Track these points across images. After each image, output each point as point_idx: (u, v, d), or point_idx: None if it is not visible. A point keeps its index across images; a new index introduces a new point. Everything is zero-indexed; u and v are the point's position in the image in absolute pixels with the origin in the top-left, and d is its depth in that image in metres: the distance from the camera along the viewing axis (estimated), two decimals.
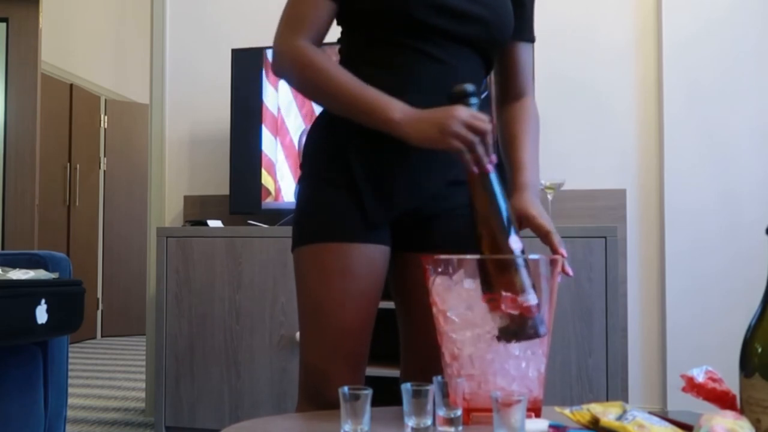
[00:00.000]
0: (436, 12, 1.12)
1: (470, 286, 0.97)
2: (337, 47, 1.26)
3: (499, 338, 0.96)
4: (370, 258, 1.15)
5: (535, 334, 0.97)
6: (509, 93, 1.29)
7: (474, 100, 1.05)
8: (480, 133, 1.02)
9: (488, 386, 0.94)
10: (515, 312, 0.96)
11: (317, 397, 1.15)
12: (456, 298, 0.98)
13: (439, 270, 1.00)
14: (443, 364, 1.00)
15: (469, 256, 1.00)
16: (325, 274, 1.13)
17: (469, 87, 1.05)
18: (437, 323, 1.02)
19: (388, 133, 1.07)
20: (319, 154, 1.20)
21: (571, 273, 1.07)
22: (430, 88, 1.14)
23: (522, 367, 0.97)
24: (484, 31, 1.16)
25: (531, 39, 1.29)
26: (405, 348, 1.30)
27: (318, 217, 1.16)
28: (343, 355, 1.14)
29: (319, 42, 1.17)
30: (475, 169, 1.03)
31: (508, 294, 0.97)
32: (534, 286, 0.98)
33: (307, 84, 1.15)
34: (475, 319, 0.97)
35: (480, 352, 0.96)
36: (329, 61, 1.13)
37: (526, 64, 1.29)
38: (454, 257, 1.00)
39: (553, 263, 1.01)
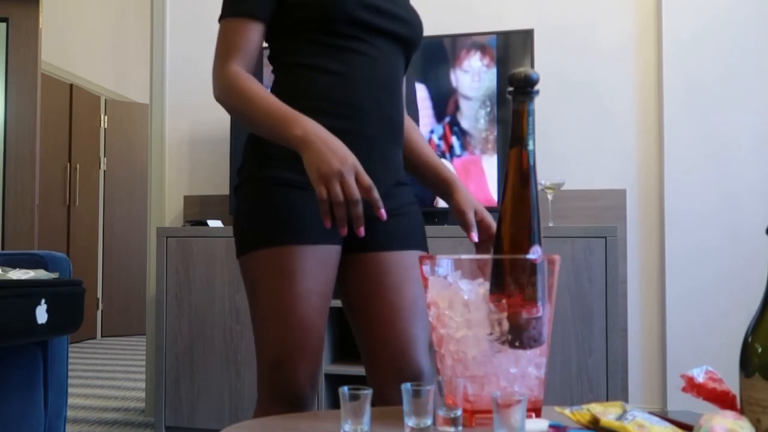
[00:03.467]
0: (371, 11, 1.20)
1: (467, 286, 0.97)
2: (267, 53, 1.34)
3: (502, 341, 0.96)
4: (326, 258, 1.19)
5: (536, 344, 0.96)
6: None
7: (536, 91, 0.98)
8: (352, 200, 1.05)
9: (491, 387, 0.94)
10: (520, 318, 0.96)
11: (283, 392, 1.17)
12: (455, 299, 0.98)
13: (436, 269, 1.00)
14: (441, 365, 1.00)
15: (465, 256, 0.99)
16: (287, 276, 1.16)
17: (534, 75, 0.96)
18: (435, 324, 1.01)
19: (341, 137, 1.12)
20: (265, 154, 1.22)
21: (475, 238, 1.21)
22: (366, 85, 1.21)
23: (523, 367, 0.97)
24: (410, 30, 1.27)
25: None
26: (368, 347, 1.27)
27: (273, 220, 1.18)
28: (306, 351, 1.17)
29: (253, 64, 1.22)
30: (327, 224, 1.06)
31: (517, 298, 0.96)
32: (546, 297, 0.97)
33: (232, 108, 1.19)
34: (474, 321, 0.97)
35: (484, 354, 0.96)
36: (254, 83, 1.17)
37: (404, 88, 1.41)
38: (451, 257, 1.00)
39: (551, 263, 1.00)
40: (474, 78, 2.59)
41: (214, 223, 2.70)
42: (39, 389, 1.81)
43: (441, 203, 2.50)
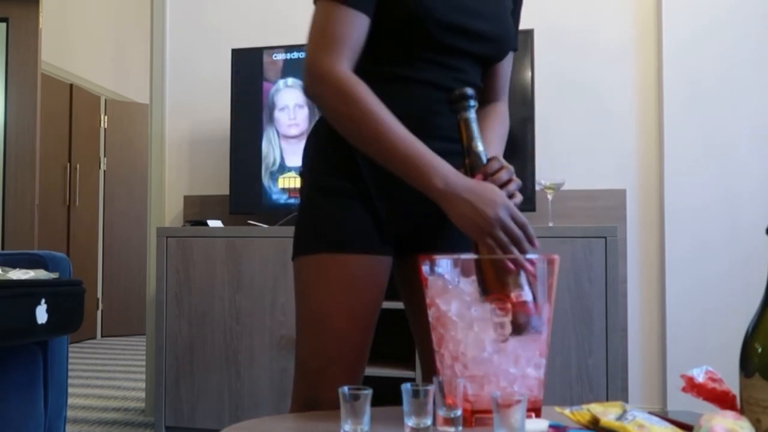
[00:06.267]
0: (454, 33, 1.13)
1: (466, 286, 0.98)
2: None
3: (502, 340, 0.97)
4: (376, 270, 1.16)
5: (534, 330, 0.98)
6: (485, 95, 1.30)
7: (473, 103, 1.08)
8: (514, 239, 1.02)
9: (491, 387, 0.94)
10: (516, 311, 0.97)
11: (312, 403, 1.15)
12: (455, 299, 0.98)
13: (436, 270, 1.00)
14: (441, 365, 1.00)
15: (464, 256, 1.00)
16: (332, 286, 1.13)
17: (469, 90, 1.07)
18: (435, 324, 1.02)
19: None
20: (326, 163, 1.18)
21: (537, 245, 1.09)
22: (441, 99, 1.15)
23: (523, 367, 0.97)
24: (495, 48, 1.20)
25: (516, 47, 1.32)
26: (420, 350, 1.30)
27: (327, 227, 1.15)
28: (343, 364, 1.15)
29: (355, 62, 1.11)
30: (511, 266, 1.01)
31: (510, 294, 0.97)
32: (530, 284, 0.99)
33: (345, 118, 1.08)
34: (474, 320, 0.97)
35: (482, 354, 0.96)
36: (373, 97, 1.07)
37: (507, 71, 1.32)
38: (450, 257, 1.00)
39: (550, 263, 1.01)
40: None
41: (214, 223, 2.70)
42: (39, 389, 1.81)
43: None
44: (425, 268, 1.01)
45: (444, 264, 1.00)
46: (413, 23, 1.11)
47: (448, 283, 0.99)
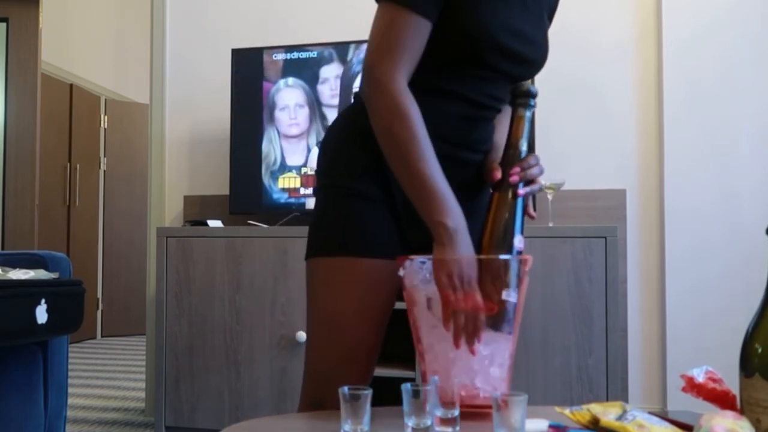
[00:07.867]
0: (502, 54, 1.13)
1: None
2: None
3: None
4: (386, 272, 1.15)
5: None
6: None
7: (533, 103, 1.13)
8: (469, 308, 1.00)
9: (450, 382, 0.95)
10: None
11: (321, 402, 1.15)
12: (424, 297, 1.02)
13: (412, 269, 1.04)
14: (419, 361, 1.04)
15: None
16: (349, 289, 1.13)
17: (534, 89, 1.12)
18: (412, 322, 1.05)
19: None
20: (353, 165, 1.17)
21: (534, 215, 1.17)
22: (470, 114, 1.17)
23: (485, 364, 1.00)
24: (531, 71, 1.21)
25: None
26: None
27: (349, 231, 1.15)
28: (354, 366, 1.15)
29: (413, 70, 1.11)
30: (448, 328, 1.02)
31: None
32: (517, 288, 1.03)
33: (390, 134, 1.08)
34: (440, 317, 1.01)
35: (443, 349, 1.00)
36: (421, 121, 1.07)
37: None
38: (424, 257, 1.04)
39: (522, 263, 1.04)
40: None
41: (214, 223, 2.70)
42: (39, 389, 1.81)
43: None
44: (402, 267, 1.05)
45: (418, 262, 1.03)
46: (466, 41, 1.10)
47: (419, 281, 1.03)
